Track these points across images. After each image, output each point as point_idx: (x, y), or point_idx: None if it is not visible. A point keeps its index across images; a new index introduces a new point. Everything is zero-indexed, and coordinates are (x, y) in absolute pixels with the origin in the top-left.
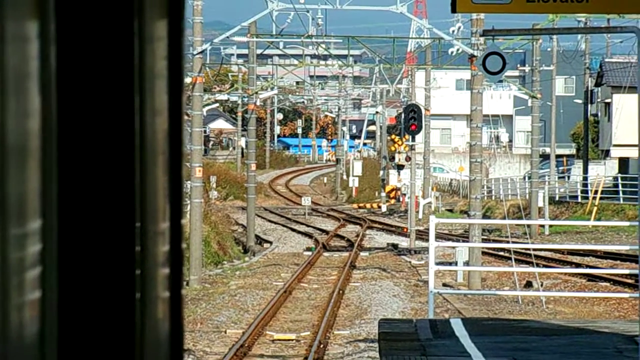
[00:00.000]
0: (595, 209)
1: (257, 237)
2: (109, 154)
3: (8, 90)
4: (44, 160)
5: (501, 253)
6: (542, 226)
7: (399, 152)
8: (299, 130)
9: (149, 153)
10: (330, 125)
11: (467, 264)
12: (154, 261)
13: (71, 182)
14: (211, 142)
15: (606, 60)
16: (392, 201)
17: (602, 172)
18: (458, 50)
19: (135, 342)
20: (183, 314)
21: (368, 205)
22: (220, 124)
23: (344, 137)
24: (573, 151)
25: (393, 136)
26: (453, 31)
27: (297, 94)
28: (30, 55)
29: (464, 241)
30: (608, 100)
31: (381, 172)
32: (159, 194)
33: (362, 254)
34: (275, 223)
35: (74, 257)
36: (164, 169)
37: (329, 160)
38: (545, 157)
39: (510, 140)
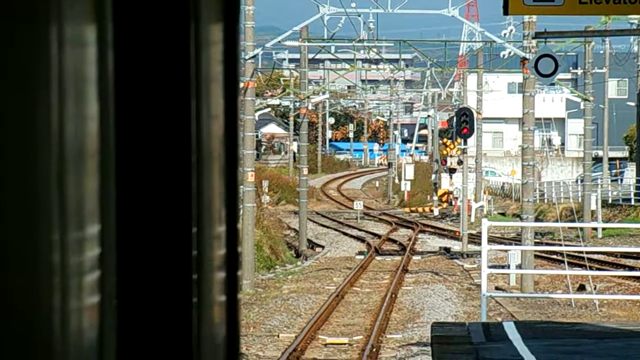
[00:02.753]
0: None
1: (309, 241)
2: (166, 158)
3: (67, 95)
4: (102, 164)
5: (554, 256)
6: (595, 229)
7: (451, 156)
8: (351, 135)
9: (205, 157)
10: (381, 129)
11: (519, 267)
12: (211, 265)
13: (129, 186)
14: (263, 147)
15: None
16: (444, 205)
17: None
18: (510, 53)
19: (192, 346)
20: (239, 318)
21: (420, 209)
22: (272, 128)
23: (395, 141)
24: (626, 154)
25: (445, 140)
26: (505, 34)
27: (349, 98)
28: (89, 59)
29: (516, 244)
30: None
31: (433, 176)
32: (215, 198)
33: (414, 257)
34: (327, 227)
35: (132, 261)
36: (219, 173)
37: (381, 164)
38: (597, 160)
39: (563, 144)
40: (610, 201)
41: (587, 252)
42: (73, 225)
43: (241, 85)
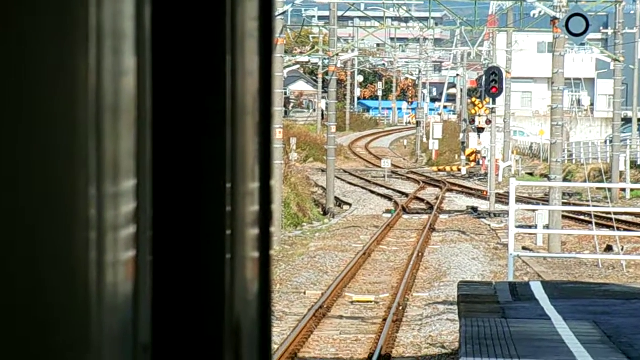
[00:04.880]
0: None
1: (336, 199)
2: (201, 114)
3: (104, 50)
4: (138, 119)
5: (581, 217)
6: (624, 190)
7: (480, 115)
8: (379, 93)
9: (240, 114)
10: (410, 88)
11: (547, 227)
12: (244, 222)
13: (164, 142)
14: (291, 104)
15: None
16: (472, 164)
17: None
18: (540, 12)
19: (225, 301)
20: (271, 274)
21: (448, 168)
22: (300, 85)
23: (424, 99)
24: None
25: (474, 99)
26: None
27: (378, 56)
28: (126, 14)
29: (544, 205)
30: None
31: (461, 135)
32: (249, 154)
33: (441, 216)
34: (355, 185)
35: (166, 216)
36: (254, 129)
37: (409, 123)
38: (627, 120)
39: (592, 104)
40: (639, 162)
41: (615, 213)
42: (109, 180)
43: None
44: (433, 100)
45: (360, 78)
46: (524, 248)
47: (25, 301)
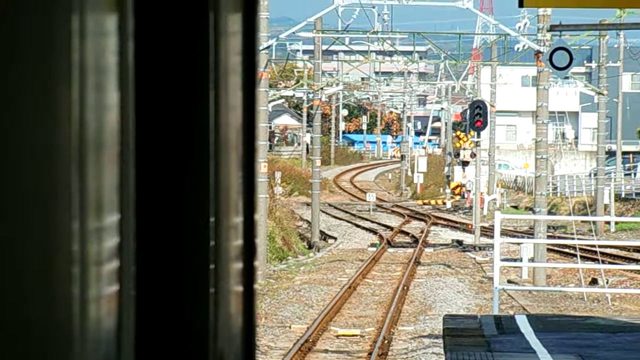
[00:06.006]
0: None
1: (321, 232)
2: (184, 149)
3: (87, 86)
4: (121, 155)
5: (566, 250)
6: (608, 223)
7: (464, 149)
8: (364, 127)
9: (223, 148)
10: (395, 122)
11: (532, 260)
12: (228, 256)
13: (147, 177)
14: (276, 138)
15: None
16: (457, 198)
17: None
18: (524, 46)
19: (209, 336)
20: (256, 308)
21: (433, 202)
22: (285, 119)
23: (409, 133)
24: (639, 148)
25: (458, 132)
26: (519, 27)
27: (362, 90)
28: (109, 50)
29: (529, 238)
30: None
31: (446, 169)
32: (233, 189)
33: (426, 250)
34: (340, 219)
35: (150, 251)
36: (238, 164)
37: (394, 156)
38: (611, 154)
39: (576, 137)
40: (623, 195)
41: (599, 246)
42: (93, 215)
43: None
44: (417, 133)
45: (344, 112)
46: (509, 281)
47: (9, 335)
